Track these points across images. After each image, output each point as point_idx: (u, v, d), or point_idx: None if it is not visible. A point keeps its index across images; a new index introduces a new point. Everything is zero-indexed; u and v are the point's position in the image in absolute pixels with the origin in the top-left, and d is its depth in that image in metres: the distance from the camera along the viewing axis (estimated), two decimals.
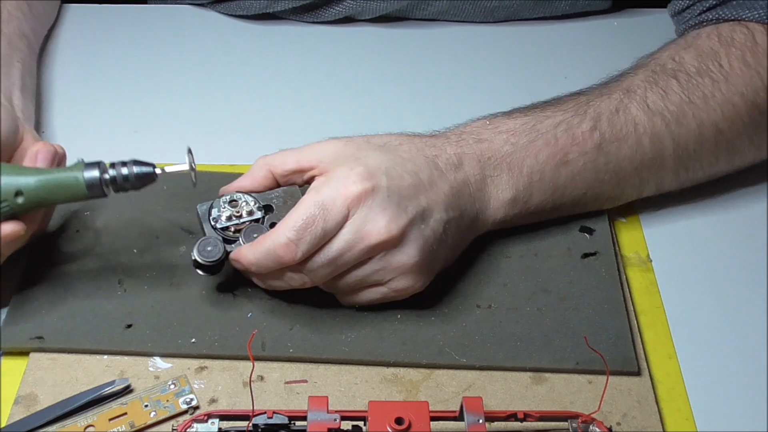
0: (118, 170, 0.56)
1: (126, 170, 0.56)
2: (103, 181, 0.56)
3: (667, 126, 0.65)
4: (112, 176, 0.56)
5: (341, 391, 0.58)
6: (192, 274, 0.63)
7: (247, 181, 0.61)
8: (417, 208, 0.58)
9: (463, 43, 0.87)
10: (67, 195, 0.56)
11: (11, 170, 0.56)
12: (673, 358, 0.61)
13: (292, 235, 0.56)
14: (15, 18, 0.74)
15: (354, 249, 0.57)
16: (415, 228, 0.58)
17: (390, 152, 0.60)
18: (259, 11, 0.86)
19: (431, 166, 0.60)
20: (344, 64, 0.84)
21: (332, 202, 0.56)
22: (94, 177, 0.56)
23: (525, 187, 0.63)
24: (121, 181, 0.56)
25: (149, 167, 0.57)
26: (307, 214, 0.56)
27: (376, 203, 0.57)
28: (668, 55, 0.69)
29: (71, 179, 0.56)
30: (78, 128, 0.75)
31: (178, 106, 0.78)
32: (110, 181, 0.56)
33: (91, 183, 0.56)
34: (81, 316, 0.60)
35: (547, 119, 0.64)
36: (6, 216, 0.56)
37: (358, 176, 0.57)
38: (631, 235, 0.69)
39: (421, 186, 0.59)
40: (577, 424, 0.54)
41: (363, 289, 0.60)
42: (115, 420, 0.55)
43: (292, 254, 0.56)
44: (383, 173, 0.58)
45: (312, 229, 0.56)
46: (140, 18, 0.88)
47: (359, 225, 0.56)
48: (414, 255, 0.58)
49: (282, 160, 0.61)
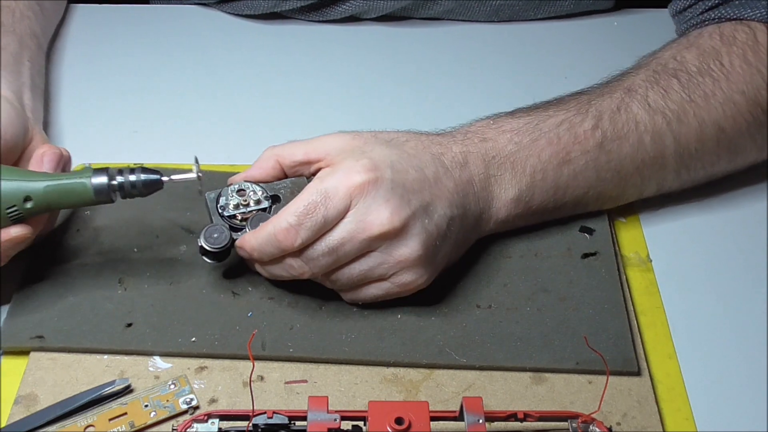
0: (125, 177, 0.57)
1: (134, 177, 0.57)
2: (111, 187, 0.57)
3: (668, 124, 0.65)
4: (120, 183, 0.57)
5: (341, 391, 0.58)
6: (192, 273, 0.63)
7: (256, 171, 0.62)
8: (420, 201, 0.58)
9: (467, 42, 0.87)
10: (74, 200, 0.57)
11: (20, 175, 0.57)
12: (673, 358, 0.61)
13: (293, 220, 0.56)
14: (26, 18, 0.75)
15: (355, 239, 0.57)
16: (419, 221, 0.58)
17: (396, 147, 0.60)
18: (265, 11, 0.86)
19: (437, 163, 0.60)
20: (349, 63, 0.84)
21: (335, 191, 0.56)
22: (102, 183, 0.56)
23: (528, 186, 0.63)
24: (128, 187, 0.57)
25: (156, 175, 0.58)
26: (309, 201, 0.56)
27: (379, 194, 0.57)
28: (670, 54, 0.69)
29: (79, 185, 0.56)
30: (82, 127, 0.76)
31: (185, 106, 0.79)
32: (118, 188, 0.57)
33: (99, 189, 0.56)
34: (81, 314, 0.60)
35: (549, 118, 0.64)
36: (14, 220, 0.56)
37: (363, 167, 0.57)
38: (631, 235, 0.69)
39: (426, 181, 0.59)
40: (577, 424, 0.54)
41: (366, 285, 0.60)
42: (115, 420, 0.55)
43: (291, 239, 0.56)
44: (388, 166, 0.58)
45: (313, 215, 0.56)
46: (145, 18, 0.88)
47: (361, 215, 0.56)
48: (417, 248, 0.58)
49: (290, 152, 0.62)
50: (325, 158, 0.60)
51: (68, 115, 0.76)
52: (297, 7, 0.85)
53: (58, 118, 0.76)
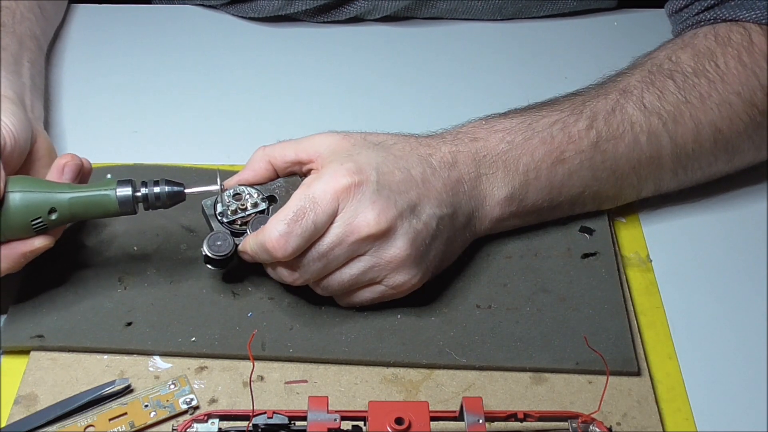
0: (150, 189, 0.57)
1: (158, 189, 0.57)
2: (135, 199, 0.57)
3: (664, 125, 0.65)
4: (144, 194, 0.57)
5: (341, 391, 0.58)
6: (192, 272, 0.63)
7: (249, 173, 0.62)
8: (407, 201, 0.58)
9: (470, 42, 0.87)
10: (98, 212, 0.57)
11: (45, 187, 0.57)
12: (673, 358, 0.61)
13: (283, 228, 0.56)
14: (27, 19, 0.75)
15: (344, 243, 0.57)
16: (405, 221, 0.58)
17: (383, 150, 0.60)
18: (272, 13, 0.86)
19: (424, 164, 0.61)
20: (352, 64, 0.84)
21: (322, 195, 0.56)
22: (127, 195, 0.57)
23: (521, 184, 0.63)
24: (152, 199, 0.57)
25: (180, 187, 0.58)
26: (298, 207, 0.56)
27: (365, 196, 0.57)
28: (665, 55, 0.69)
29: (104, 197, 0.57)
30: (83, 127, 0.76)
31: (185, 106, 0.78)
32: (141, 199, 0.57)
33: (123, 201, 0.57)
34: (81, 314, 0.60)
35: (543, 118, 0.65)
36: (38, 231, 0.57)
37: (348, 171, 0.57)
38: (631, 235, 0.69)
39: (412, 182, 0.59)
40: (577, 424, 0.54)
41: (360, 289, 0.60)
42: (115, 420, 0.55)
43: (282, 248, 0.56)
44: (373, 168, 0.58)
45: (303, 222, 0.56)
46: (145, 18, 0.88)
47: (349, 218, 0.57)
48: (405, 248, 0.58)
49: (282, 152, 0.62)
50: (315, 159, 0.60)
51: (69, 114, 0.76)
52: (302, 9, 0.85)
53: (58, 117, 0.76)
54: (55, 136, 0.74)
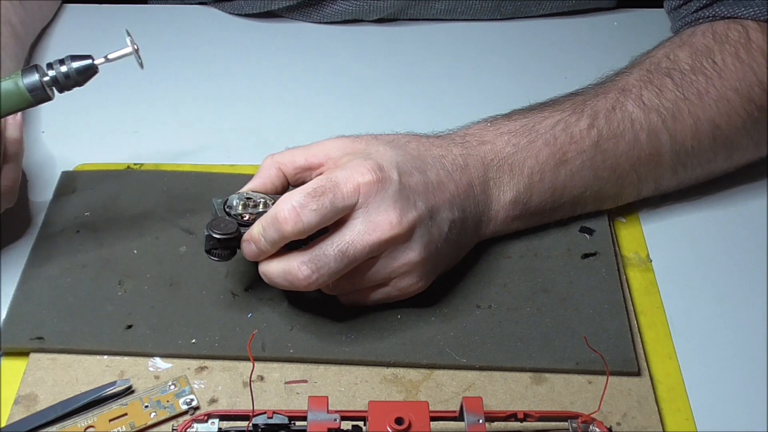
0: (56, 69, 0.55)
1: (65, 67, 0.55)
2: (44, 83, 0.55)
3: (663, 122, 0.65)
4: (53, 77, 0.55)
5: (341, 391, 0.58)
6: (192, 274, 0.63)
7: (259, 180, 0.60)
8: (426, 204, 0.58)
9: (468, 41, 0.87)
10: (10, 104, 0.55)
11: None
12: (673, 358, 0.61)
13: (299, 200, 0.54)
14: (3, 7, 0.74)
15: (364, 240, 0.55)
16: (423, 225, 0.58)
17: (399, 148, 0.60)
18: (259, 9, 0.86)
19: (438, 166, 0.60)
20: (349, 64, 0.84)
21: (345, 182, 0.55)
22: (35, 81, 0.55)
23: (526, 187, 0.63)
24: (62, 79, 0.55)
25: (88, 59, 0.56)
26: (318, 184, 0.55)
27: (388, 195, 0.56)
28: (663, 53, 0.69)
29: (11, 86, 0.55)
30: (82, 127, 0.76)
31: (185, 106, 0.79)
32: (51, 83, 0.55)
33: (32, 87, 0.55)
34: (81, 316, 0.60)
35: (545, 120, 0.65)
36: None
37: (370, 167, 0.56)
38: (631, 235, 0.69)
39: (429, 184, 0.59)
40: (577, 424, 0.54)
41: (367, 290, 0.60)
42: (116, 421, 0.55)
43: (294, 220, 0.54)
44: (394, 167, 0.57)
45: (321, 198, 0.54)
46: (141, 18, 0.88)
47: (371, 215, 0.56)
48: (420, 252, 0.57)
49: (291, 158, 0.61)
50: (326, 162, 0.59)
51: (68, 115, 0.76)
52: (285, 6, 0.85)
53: (58, 117, 0.76)
54: (55, 136, 0.74)
